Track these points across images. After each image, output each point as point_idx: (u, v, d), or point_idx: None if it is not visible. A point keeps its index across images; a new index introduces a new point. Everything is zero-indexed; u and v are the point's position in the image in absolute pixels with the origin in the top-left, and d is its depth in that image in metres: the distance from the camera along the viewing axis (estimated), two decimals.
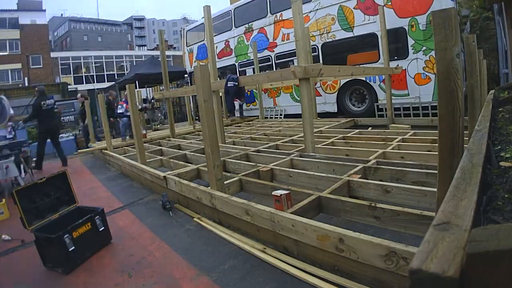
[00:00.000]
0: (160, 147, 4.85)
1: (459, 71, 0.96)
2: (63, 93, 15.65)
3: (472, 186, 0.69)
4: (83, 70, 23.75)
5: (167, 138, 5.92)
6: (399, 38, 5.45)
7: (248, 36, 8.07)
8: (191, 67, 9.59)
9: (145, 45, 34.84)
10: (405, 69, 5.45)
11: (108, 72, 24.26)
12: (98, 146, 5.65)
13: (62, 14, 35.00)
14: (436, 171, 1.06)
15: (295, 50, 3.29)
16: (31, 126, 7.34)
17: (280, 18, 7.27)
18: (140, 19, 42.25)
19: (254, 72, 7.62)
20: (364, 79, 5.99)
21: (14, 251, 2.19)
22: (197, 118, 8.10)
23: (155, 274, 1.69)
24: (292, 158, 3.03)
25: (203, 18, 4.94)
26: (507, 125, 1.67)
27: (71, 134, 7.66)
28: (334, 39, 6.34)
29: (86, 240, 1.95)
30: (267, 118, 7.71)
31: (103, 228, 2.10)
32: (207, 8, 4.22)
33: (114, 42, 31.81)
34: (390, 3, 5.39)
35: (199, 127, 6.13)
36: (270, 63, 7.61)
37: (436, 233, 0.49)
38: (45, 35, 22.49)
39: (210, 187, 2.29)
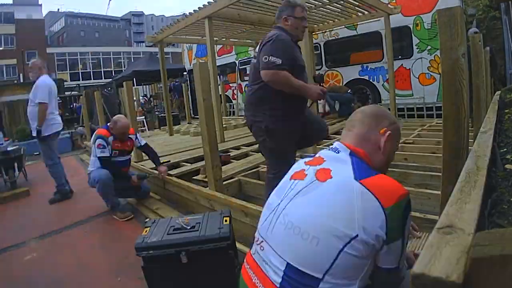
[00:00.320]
0: None
1: (465, 71, 0.94)
2: (59, 90, 15.72)
3: (476, 189, 0.68)
4: (80, 66, 23.53)
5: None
6: (404, 37, 5.40)
7: None
8: (190, 65, 9.52)
9: (143, 41, 34.00)
10: (409, 69, 5.41)
11: (106, 69, 23.99)
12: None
13: (58, 9, 34.67)
14: (440, 174, 1.05)
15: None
16: None
17: None
18: (139, 15, 41.36)
19: None
20: (367, 78, 5.94)
21: None
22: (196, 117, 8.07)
23: None
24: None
25: None
26: None
27: (66, 132, 7.53)
28: (337, 37, 6.29)
29: None
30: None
31: None
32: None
33: (112, 38, 31.09)
34: (394, 1, 5.34)
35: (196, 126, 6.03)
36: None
37: (440, 236, 0.48)
38: (41, 30, 22.09)
39: (208, 188, 2.27)
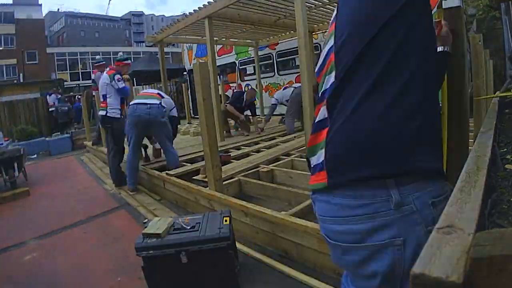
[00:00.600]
0: None
1: (465, 71, 0.94)
2: (58, 89, 15.69)
3: (476, 189, 0.68)
4: (80, 66, 23.42)
5: None
6: None
7: None
8: (190, 65, 9.51)
9: (143, 41, 33.89)
10: None
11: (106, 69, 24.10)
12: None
13: (58, 9, 34.48)
14: None
15: (297, 48, 3.25)
16: None
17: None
18: (139, 15, 41.28)
19: (255, 71, 7.58)
20: None
21: None
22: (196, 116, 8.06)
23: None
24: (293, 159, 3.01)
25: None
26: None
27: (66, 132, 7.49)
28: None
29: None
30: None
31: None
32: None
33: (112, 38, 31.10)
34: None
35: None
36: (271, 61, 7.56)
37: (440, 236, 0.48)
38: (41, 30, 22.02)
39: (208, 188, 2.27)
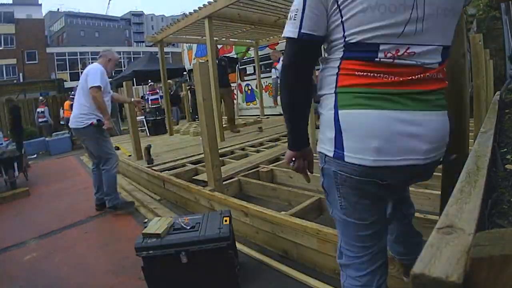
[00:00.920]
0: None
1: (465, 71, 0.94)
2: (59, 89, 15.62)
3: (477, 189, 0.68)
4: (80, 66, 23.29)
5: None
6: None
7: None
8: (190, 65, 9.51)
9: (143, 41, 33.68)
10: None
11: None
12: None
13: (58, 9, 34.37)
14: (440, 174, 1.05)
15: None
16: None
17: None
18: (139, 15, 41.14)
19: (255, 70, 7.58)
20: None
21: None
22: (196, 117, 8.06)
23: None
24: None
25: None
26: None
27: (66, 132, 7.41)
28: None
29: None
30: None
31: None
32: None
33: (112, 38, 31.01)
34: None
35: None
36: (272, 61, 7.55)
37: (440, 237, 0.48)
38: (41, 30, 21.99)
39: (208, 188, 2.27)
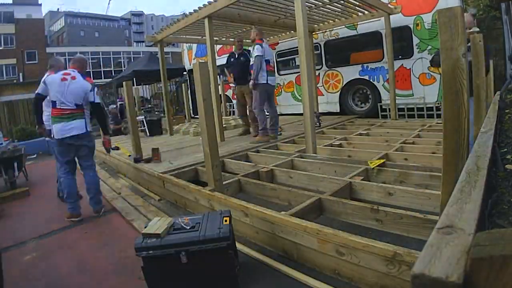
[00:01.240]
0: None
1: (465, 71, 0.94)
2: None
3: (477, 189, 0.68)
4: None
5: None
6: (404, 37, 5.39)
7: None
8: (190, 65, 9.52)
9: (143, 41, 33.59)
10: (409, 68, 5.40)
11: (105, 69, 23.84)
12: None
13: (58, 9, 34.37)
14: (440, 174, 1.05)
15: (297, 48, 3.26)
16: None
17: None
18: (139, 15, 41.10)
19: None
20: (367, 78, 5.94)
21: None
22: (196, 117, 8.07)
23: None
24: (293, 159, 3.00)
25: None
26: None
27: None
28: (337, 37, 6.29)
29: None
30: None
31: None
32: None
33: (112, 37, 30.91)
34: (395, 1, 5.33)
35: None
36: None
37: (440, 237, 0.48)
38: (40, 30, 22.00)
39: (208, 188, 2.27)
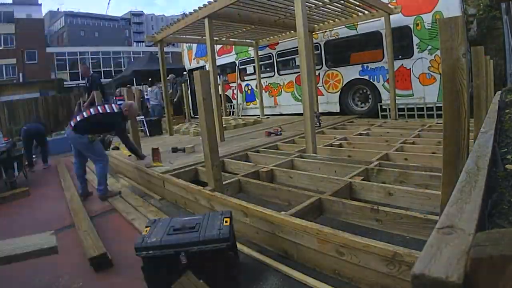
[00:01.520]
0: None
1: (465, 71, 0.94)
2: (58, 89, 15.63)
3: (477, 189, 0.68)
4: (79, 66, 23.77)
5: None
6: (404, 37, 5.39)
7: None
8: (190, 65, 9.53)
9: (143, 41, 33.54)
10: (409, 68, 5.40)
11: (105, 69, 23.81)
12: None
13: (58, 9, 34.76)
14: (440, 174, 1.05)
15: (297, 48, 3.26)
16: None
17: None
18: (139, 15, 41.14)
19: (255, 70, 7.59)
20: (367, 78, 5.94)
21: None
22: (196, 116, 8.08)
23: None
24: (293, 159, 3.01)
25: None
26: None
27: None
28: (337, 37, 6.29)
29: None
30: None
31: None
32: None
33: (112, 37, 30.92)
34: (395, 1, 5.33)
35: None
36: (271, 61, 7.56)
37: (440, 237, 0.48)
38: (40, 30, 21.99)
39: (208, 187, 2.27)
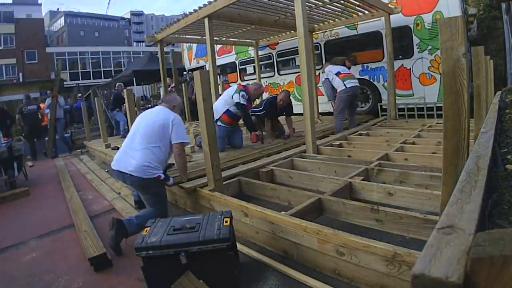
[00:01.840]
0: None
1: (465, 71, 0.94)
2: (58, 89, 15.63)
3: (477, 189, 0.68)
4: (79, 66, 23.33)
5: None
6: (404, 37, 5.39)
7: None
8: (190, 65, 9.53)
9: (143, 41, 33.48)
10: (410, 68, 5.40)
11: (105, 69, 23.81)
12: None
13: (58, 9, 34.23)
14: (440, 174, 1.05)
15: (297, 48, 3.26)
16: None
17: None
18: (139, 14, 41.01)
19: (255, 70, 7.59)
20: (367, 78, 5.94)
21: None
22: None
23: None
24: (293, 159, 3.00)
25: None
26: None
27: (65, 132, 7.59)
28: (337, 37, 6.28)
29: None
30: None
31: None
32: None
33: (112, 37, 30.71)
34: (395, 1, 5.33)
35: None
36: (271, 61, 7.56)
37: (440, 237, 0.48)
38: (40, 30, 21.94)
39: (208, 188, 2.26)
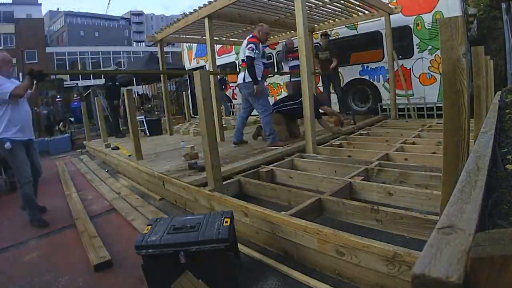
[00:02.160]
0: None
1: (465, 71, 0.94)
2: (58, 89, 15.65)
3: (477, 190, 0.68)
4: (79, 66, 23.41)
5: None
6: (404, 37, 5.39)
7: None
8: (190, 64, 9.54)
9: (143, 41, 33.65)
10: (410, 68, 5.40)
11: (105, 69, 23.83)
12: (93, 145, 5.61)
13: (58, 8, 34.80)
14: (440, 174, 1.05)
15: (297, 48, 3.27)
16: None
17: None
18: (139, 14, 41.03)
19: None
20: (367, 78, 5.94)
21: None
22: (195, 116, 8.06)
23: None
24: (293, 159, 3.01)
25: None
26: None
27: (65, 132, 7.67)
28: (337, 37, 6.29)
29: None
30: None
31: None
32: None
33: (112, 37, 30.86)
34: (395, 1, 5.33)
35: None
36: (272, 61, 7.56)
37: (440, 237, 0.48)
38: (40, 30, 22.07)
39: (208, 187, 2.27)
